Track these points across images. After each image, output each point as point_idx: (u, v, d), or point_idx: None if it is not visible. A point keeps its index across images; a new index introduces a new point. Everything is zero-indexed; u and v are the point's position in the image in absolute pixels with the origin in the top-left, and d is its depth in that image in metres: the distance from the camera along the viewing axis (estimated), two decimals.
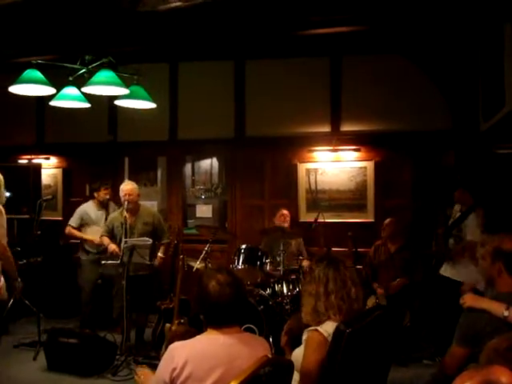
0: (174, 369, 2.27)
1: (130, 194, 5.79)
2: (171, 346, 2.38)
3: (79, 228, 6.49)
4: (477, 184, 5.67)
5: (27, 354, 5.65)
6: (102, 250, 6.24)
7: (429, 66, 6.90)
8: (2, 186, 4.27)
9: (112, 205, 6.72)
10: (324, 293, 2.85)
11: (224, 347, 2.35)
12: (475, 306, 2.78)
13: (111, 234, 5.94)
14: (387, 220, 6.33)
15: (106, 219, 6.40)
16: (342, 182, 7.32)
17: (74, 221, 6.50)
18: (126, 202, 5.74)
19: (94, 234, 6.38)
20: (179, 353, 2.31)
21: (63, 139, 8.22)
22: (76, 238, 6.57)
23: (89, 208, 6.60)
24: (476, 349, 2.57)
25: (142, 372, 2.76)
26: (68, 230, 6.50)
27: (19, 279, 4.25)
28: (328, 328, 2.75)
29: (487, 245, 2.98)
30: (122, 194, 5.83)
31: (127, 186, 5.88)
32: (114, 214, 6.09)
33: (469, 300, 2.84)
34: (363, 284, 5.89)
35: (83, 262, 6.54)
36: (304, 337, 2.86)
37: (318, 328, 2.77)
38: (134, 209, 5.89)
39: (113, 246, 5.77)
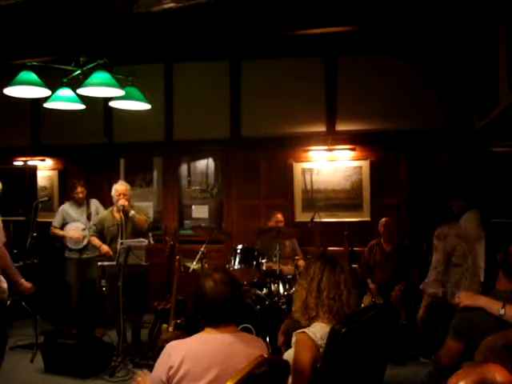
0: (171, 367, 2.28)
1: (124, 195, 5.78)
2: (168, 345, 2.39)
3: (62, 227, 6.53)
4: (472, 182, 5.67)
5: (24, 355, 5.65)
6: (82, 247, 6.37)
7: (423, 66, 6.92)
8: None
9: (94, 202, 6.71)
10: (316, 289, 2.84)
11: (220, 346, 2.36)
12: (472, 304, 2.77)
13: (100, 234, 5.93)
14: (384, 220, 6.26)
15: (87, 216, 6.49)
16: (338, 182, 7.33)
17: (56, 221, 6.56)
18: (119, 202, 5.73)
19: (73, 229, 6.49)
20: (176, 351, 2.32)
21: (59, 141, 8.22)
22: (59, 236, 6.58)
23: (68, 207, 6.60)
24: (471, 346, 2.58)
25: (141, 374, 2.75)
26: (51, 230, 6.55)
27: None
28: (316, 330, 2.73)
29: None
30: (115, 193, 5.81)
31: (121, 187, 5.87)
32: (104, 214, 6.08)
33: (464, 299, 2.84)
34: (359, 283, 5.94)
35: (67, 259, 6.52)
36: (293, 339, 2.84)
37: (306, 330, 2.74)
38: (126, 209, 5.87)
39: (105, 248, 5.76)
